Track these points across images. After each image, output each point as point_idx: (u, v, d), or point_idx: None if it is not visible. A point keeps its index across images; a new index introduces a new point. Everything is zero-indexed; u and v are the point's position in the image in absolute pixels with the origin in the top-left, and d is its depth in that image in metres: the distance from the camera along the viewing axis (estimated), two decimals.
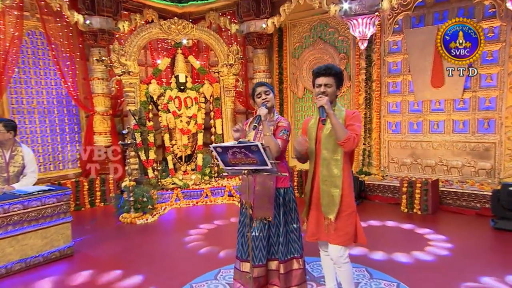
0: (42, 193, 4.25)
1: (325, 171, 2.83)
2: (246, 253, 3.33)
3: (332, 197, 2.80)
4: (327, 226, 2.84)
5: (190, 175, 7.17)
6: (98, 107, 7.35)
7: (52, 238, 4.35)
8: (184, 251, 4.58)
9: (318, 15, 7.52)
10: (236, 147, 2.56)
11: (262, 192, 3.20)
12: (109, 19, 7.26)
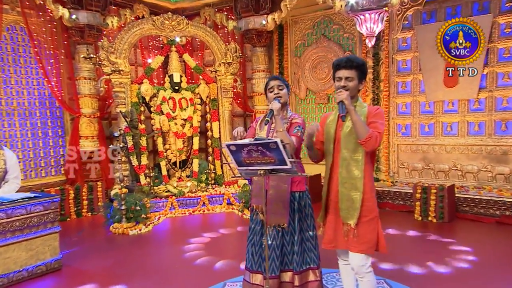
0: (27, 200, 4.06)
1: (344, 172, 2.73)
2: (257, 264, 3.21)
3: (352, 201, 2.70)
4: (347, 232, 2.74)
5: (185, 182, 7.00)
6: (85, 109, 7.17)
7: (38, 250, 4.15)
8: (183, 264, 4.43)
9: (322, 11, 7.47)
10: (252, 145, 2.43)
11: (276, 196, 3.08)
12: (97, 14, 7.11)
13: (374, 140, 2.54)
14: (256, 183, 3.24)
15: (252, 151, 2.45)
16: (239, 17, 7.76)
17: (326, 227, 2.90)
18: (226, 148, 2.55)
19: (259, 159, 2.48)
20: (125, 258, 4.64)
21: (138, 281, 3.95)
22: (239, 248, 4.78)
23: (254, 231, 3.24)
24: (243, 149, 2.47)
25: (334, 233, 2.82)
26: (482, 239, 4.95)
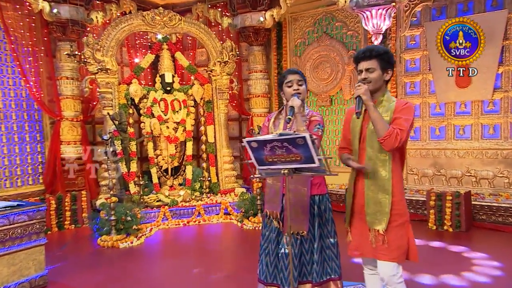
0: (9, 209, 3.87)
1: (371, 173, 2.66)
2: (272, 275, 3.10)
3: (380, 205, 2.62)
4: (374, 239, 2.64)
5: (178, 190, 6.85)
6: (67, 111, 7.01)
7: (21, 265, 3.95)
8: (182, 279, 4.28)
9: (323, 8, 7.50)
10: (277, 140, 2.33)
11: (294, 201, 2.98)
12: (81, 8, 7.00)
13: (393, 138, 2.46)
14: (271, 187, 3.18)
15: (276, 147, 2.36)
16: (235, 13, 7.73)
17: (352, 233, 2.82)
18: (247, 145, 2.43)
19: (283, 157, 2.38)
20: (117, 274, 4.48)
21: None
22: (241, 261, 4.75)
23: (269, 239, 3.14)
24: (266, 145, 2.37)
25: (360, 239, 2.74)
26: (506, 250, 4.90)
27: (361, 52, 2.69)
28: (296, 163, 2.39)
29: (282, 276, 3.04)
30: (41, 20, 6.86)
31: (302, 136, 2.24)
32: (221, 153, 7.27)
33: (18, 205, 4.01)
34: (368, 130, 2.64)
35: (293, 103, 2.89)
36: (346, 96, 7.38)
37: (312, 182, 3.04)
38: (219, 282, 4.18)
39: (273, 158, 2.42)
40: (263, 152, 2.42)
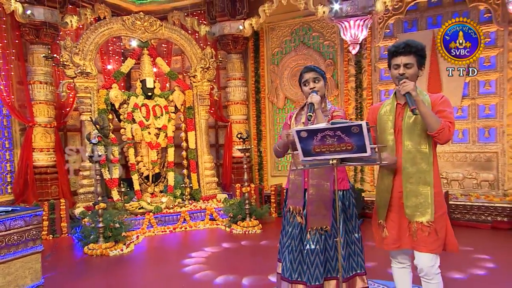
0: (5, 214, 3.53)
1: (409, 166, 2.64)
2: (296, 272, 3.01)
3: (422, 196, 2.61)
4: (416, 231, 2.63)
5: (160, 197, 6.60)
6: (40, 117, 6.60)
7: (17, 274, 3.61)
8: (190, 284, 4.08)
9: (300, 18, 7.60)
10: (330, 129, 2.28)
11: (317, 196, 2.96)
12: (55, 11, 6.64)
13: (447, 131, 2.48)
14: (293, 183, 3.10)
15: (328, 137, 2.31)
16: (213, 21, 7.66)
17: (389, 227, 2.76)
18: (296, 134, 2.38)
19: (333, 147, 2.34)
20: (117, 282, 4.22)
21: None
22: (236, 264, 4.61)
23: (292, 236, 3.05)
24: (317, 135, 2.32)
25: (399, 232, 2.71)
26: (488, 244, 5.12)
27: (401, 46, 2.62)
28: (346, 153, 2.34)
29: (308, 273, 2.96)
30: (12, 22, 6.44)
31: (358, 124, 2.21)
32: (202, 160, 7.11)
33: (13, 210, 3.67)
34: (406, 124, 2.62)
35: (312, 100, 2.84)
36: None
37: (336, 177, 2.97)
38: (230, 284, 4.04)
39: (322, 148, 2.37)
40: (312, 142, 2.36)
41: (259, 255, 4.99)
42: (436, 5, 6.68)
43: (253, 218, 6.08)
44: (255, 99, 8.02)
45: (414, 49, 2.62)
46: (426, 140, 2.60)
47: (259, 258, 4.83)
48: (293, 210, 3.05)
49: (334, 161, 2.41)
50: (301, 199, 3.01)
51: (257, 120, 8.02)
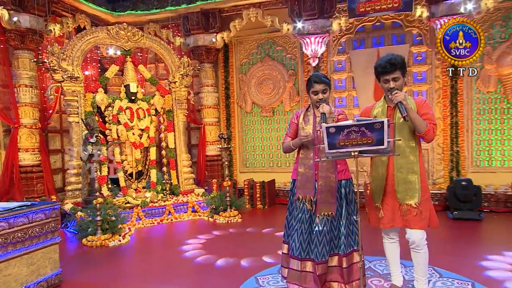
0: (27, 208, 3.40)
1: (400, 159, 2.86)
2: (305, 251, 3.15)
3: (411, 183, 2.85)
4: (406, 212, 2.87)
5: (143, 193, 6.48)
6: (25, 119, 6.26)
7: (39, 264, 3.49)
8: (194, 267, 4.11)
9: (266, 34, 7.82)
10: (355, 126, 2.46)
11: (325, 187, 3.12)
12: (40, 19, 6.33)
13: (432, 132, 2.76)
14: (303, 175, 3.23)
15: (353, 132, 2.47)
16: (188, 34, 7.65)
17: (384, 209, 2.97)
18: (325, 130, 2.51)
19: (355, 140, 2.49)
20: (124, 268, 4.17)
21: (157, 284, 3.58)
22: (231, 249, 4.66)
23: (302, 220, 3.18)
24: (343, 130, 2.48)
25: (392, 213, 2.93)
26: None
27: (387, 67, 2.80)
28: (366, 146, 2.50)
29: (316, 251, 3.11)
30: None
31: (380, 121, 2.41)
32: (180, 158, 7.08)
33: (32, 204, 3.54)
34: (397, 124, 2.78)
35: (324, 110, 2.98)
36: (286, 108, 7.75)
37: (338, 170, 3.17)
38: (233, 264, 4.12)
39: (346, 142, 2.51)
40: (338, 137, 2.50)
41: (249, 240, 5.08)
42: (379, 27, 7.20)
43: (233, 209, 6.20)
44: (225, 104, 8.11)
45: (399, 65, 2.83)
46: (413, 136, 2.84)
47: (250, 243, 4.93)
48: (302, 199, 3.18)
49: (356, 153, 2.56)
50: (311, 189, 3.14)
51: (227, 122, 8.12)
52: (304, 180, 3.20)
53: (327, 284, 3.19)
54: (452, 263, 3.77)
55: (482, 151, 6.82)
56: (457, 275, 3.48)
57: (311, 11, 6.80)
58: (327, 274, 3.19)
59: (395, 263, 3.18)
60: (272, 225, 5.60)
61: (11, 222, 3.21)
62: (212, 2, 7.32)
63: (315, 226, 3.14)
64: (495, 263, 3.85)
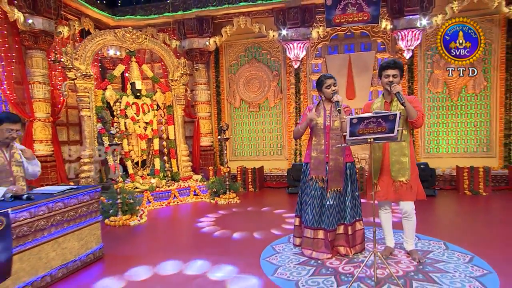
0: (75, 190, 3.53)
1: (394, 144, 3.22)
2: (317, 222, 3.46)
3: (402, 164, 3.22)
4: (399, 187, 3.23)
5: (149, 179, 6.61)
6: (39, 113, 6.20)
7: (87, 239, 3.62)
8: (214, 240, 4.30)
9: (252, 39, 8.06)
10: (373, 117, 2.76)
11: (334, 167, 3.45)
12: (52, 21, 6.26)
13: (421, 119, 3.16)
14: (316, 158, 3.54)
15: (371, 122, 2.77)
16: (183, 37, 7.76)
17: (380, 185, 3.32)
18: (349, 121, 2.80)
19: (372, 129, 2.79)
20: (153, 243, 4.29)
21: (195, 253, 3.78)
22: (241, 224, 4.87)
23: (314, 196, 3.48)
24: (364, 121, 2.78)
25: (387, 189, 3.29)
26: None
27: (391, 63, 3.22)
28: (380, 134, 2.80)
29: (327, 221, 3.43)
30: (12, 29, 5.93)
31: (394, 114, 2.73)
32: (180, 148, 7.23)
33: (77, 188, 3.66)
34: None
35: (338, 99, 3.33)
36: (271, 104, 8.08)
37: (345, 154, 3.49)
38: (248, 236, 4.34)
39: (364, 130, 2.80)
40: (359, 126, 2.79)
41: (253, 217, 5.30)
42: (350, 36, 7.67)
43: (231, 192, 6.49)
44: (216, 100, 8.32)
45: (399, 65, 3.25)
46: (406, 125, 3.20)
47: (255, 219, 5.15)
48: (315, 178, 3.48)
49: (371, 139, 2.85)
50: (323, 170, 3.45)
51: (218, 116, 8.33)
52: (317, 162, 3.51)
53: (335, 249, 3.51)
54: (426, 229, 4.26)
55: (432, 141, 7.51)
56: (431, 238, 4.00)
57: (294, 20, 7.16)
58: (335, 240, 3.51)
59: (389, 229, 3.53)
60: (268, 205, 5.94)
61: (65, 202, 3.34)
62: (206, 9, 7.49)
63: (326, 201, 3.45)
64: (456, 225, 4.44)
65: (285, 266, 3.32)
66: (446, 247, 3.70)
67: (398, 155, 3.27)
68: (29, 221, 2.96)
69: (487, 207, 5.60)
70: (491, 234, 4.12)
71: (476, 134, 7.33)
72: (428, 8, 6.64)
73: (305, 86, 7.85)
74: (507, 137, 7.14)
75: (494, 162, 7.20)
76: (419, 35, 6.76)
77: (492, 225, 4.51)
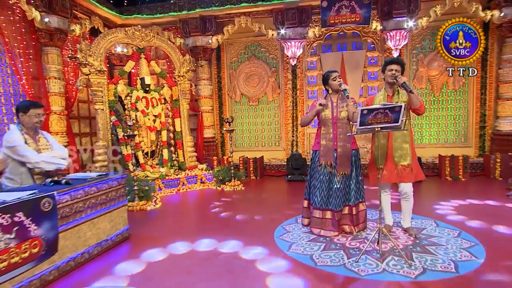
0: (105, 176, 3.67)
1: (396, 132, 3.39)
2: (325, 203, 3.66)
3: (404, 149, 3.41)
4: (401, 170, 3.42)
5: (158, 168, 6.73)
6: (55, 106, 6.23)
7: (116, 221, 3.76)
8: (230, 221, 4.43)
9: (252, 37, 8.18)
10: (382, 109, 2.93)
11: (342, 153, 3.65)
12: (66, 20, 6.27)
13: (423, 107, 3.40)
14: (325, 146, 3.70)
15: (379, 113, 2.93)
16: (187, 35, 7.83)
17: (385, 169, 3.49)
18: (359, 111, 2.96)
19: (379, 119, 2.96)
20: (173, 225, 4.42)
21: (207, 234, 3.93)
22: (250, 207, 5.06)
23: (323, 180, 3.67)
24: (373, 112, 2.93)
25: (390, 172, 3.48)
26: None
27: (394, 59, 3.45)
28: (386, 123, 2.97)
29: (334, 202, 3.63)
30: (29, 27, 5.92)
31: (400, 105, 2.90)
32: (185, 139, 7.34)
33: (106, 174, 3.79)
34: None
35: (345, 87, 3.53)
36: (269, 98, 8.25)
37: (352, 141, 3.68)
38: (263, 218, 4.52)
39: (372, 120, 2.96)
40: (368, 117, 2.94)
41: (260, 202, 5.44)
42: (342, 36, 7.87)
43: (236, 179, 6.67)
44: (218, 95, 8.44)
45: (401, 62, 3.45)
46: (407, 115, 3.37)
47: (262, 204, 5.31)
48: (324, 164, 3.66)
49: (379, 129, 3.00)
50: (332, 156, 3.64)
51: (219, 110, 8.46)
52: (326, 149, 3.69)
53: (340, 227, 3.73)
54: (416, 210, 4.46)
55: (416, 132, 7.83)
56: (423, 217, 4.28)
57: (292, 20, 7.31)
58: (340, 219, 3.72)
59: (388, 209, 3.76)
60: (271, 191, 6.15)
61: (98, 187, 3.47)
62: (209, 9, 7.57)
63: (333, 185, 3.64)
64: (446, 207, 4.74)
65: (298, 243, 3.53)
66: (437, 224, 3.99)
67: (400, 142, 3.45)
68: (70, 203, 3.09)
69: (466, 190, 5.94)
70: (475, 212, 4.43)
71: (455, 126, 7.68)
72: (414, 11, 6.90)
73: (301, 82, 8.04)
74: (482, 129, 7.52)
75: (470, 151, 7.57)
76: (406, 36, 7.03)
77: (473, 205, 4.82)
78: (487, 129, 7.46)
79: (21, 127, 3.38)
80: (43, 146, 3.50)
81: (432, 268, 2.86)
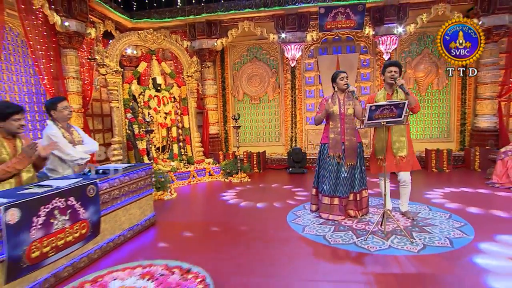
0: (134, 167, 3.83)
1: (395, 126, 3.63)
2: (333, 191, 3.86)
3: (401, 142, 3.66)
4: (399, 160, 3.66)
5: (169, 162, 6.87)
6: (73, 104, 6.30)
7: (144, 208, 3.92)
8: (242, 209, 4.59)
9: (254, 40, 8.34)
10: (388, 105, 3.13)
11: (349, 146, 3.87)
12: (83, 24, 6.36)
13: (419, 106, 3.63)
14: (333, 139, 3.91)
15: (385, 109, 3.13)
16: (194, 38, 7.96)
17: (385, 160, 3.64)
18: (368, 108, 3.14)
19: (385, 115, 3.17)
20: (192, 212, 4.59)
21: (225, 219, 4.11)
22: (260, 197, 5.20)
23: (331, 170, 3.87)
24: (380, 108, 3.13)
25: (390, 162, 3.70)
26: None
27: (393, 62, 3.67)
28: (391, 118, 3.17)
29: (341, 190, 3.84)
30: (50, 30, 5.99)
31: (404, 102, 3.12)
32: (193, 135, 7.48)
33: (135, 165, 3.95)
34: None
35: (353, 89, 3.76)
36: (270, 97, 8.45)
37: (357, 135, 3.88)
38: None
39: (379, 115, 3.16)
40: (376, 112, 3.13)
41: (267, 191, 5.60)
42: (337, 40, 8.09)
43: (242, 172, 6.87)
44: (222, 94, 8.60)
45: (399, 64, 3.67)
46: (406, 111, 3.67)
47: (269, 193, 5.47)
48: (333, 155, 3.86)
49: (384, 123, 3.19)
50: (340, 148, 3.84)
51: (223, 108, 8.62)
52: (334, 142, 3.89)
53: (346, 212, 3.95)
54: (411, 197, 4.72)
55: None
56: (417, 203, 4.55)
57: (292, 25, 7.52)
58: (346, 205, 3.94)
59: (388, 198, 3.92)
60: (276, 182, 6.37)
61: (130, 176, 3.63)
62: (215, 14, 7.72)
63: (341, 174, 3.85)
64: (435, 194, 5.03)
65: (310, 226, 3.76)
66: (429, 209, 4.27)
67: (398, 135, 3.68)
68: (109, 190, 3.25)
69: (450, 180, 6.26)
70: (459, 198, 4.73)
71: (439, 123, 8.01)
72: (403, 18, 7.18)
73: (299, 82, 8.26)
74: (462, 125, 7.86)
75: (452, 146, 7.92)
76: (396, 40, 7.31)
77: (458, 192, 5.13)
78: (467, 125, 7.81)
79: (56, 123, 3.52)
80: (76, 138, 3.66)
81: (431, 244, 3.12)
